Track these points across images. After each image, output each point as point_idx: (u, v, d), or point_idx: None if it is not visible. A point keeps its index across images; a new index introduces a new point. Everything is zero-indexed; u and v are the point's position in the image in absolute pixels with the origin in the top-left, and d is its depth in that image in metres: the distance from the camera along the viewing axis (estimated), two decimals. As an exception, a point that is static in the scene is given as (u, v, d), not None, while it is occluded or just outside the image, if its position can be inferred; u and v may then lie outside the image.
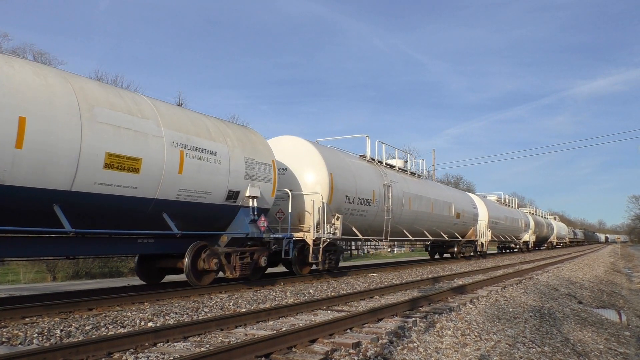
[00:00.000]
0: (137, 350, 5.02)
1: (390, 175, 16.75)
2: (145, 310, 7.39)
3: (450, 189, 25.90)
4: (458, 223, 23.04)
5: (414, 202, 17.93)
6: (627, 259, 44.60)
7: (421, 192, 18.89)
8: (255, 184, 10.66)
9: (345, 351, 5.16)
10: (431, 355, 5.48)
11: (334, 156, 14.00)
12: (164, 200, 8.67)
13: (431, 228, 20.06)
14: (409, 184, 18.03)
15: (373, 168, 15.94)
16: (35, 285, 13.72)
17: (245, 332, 6.05)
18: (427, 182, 21.38)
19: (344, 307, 8.20)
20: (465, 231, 24.47)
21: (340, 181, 13.44)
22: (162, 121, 8.74)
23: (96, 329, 6.02)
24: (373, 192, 15.08)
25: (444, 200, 21.38)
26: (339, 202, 13.43)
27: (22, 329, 5.83)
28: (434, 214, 19.94)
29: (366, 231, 15.18)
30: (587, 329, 8.81)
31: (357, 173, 14.59)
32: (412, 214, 17.90)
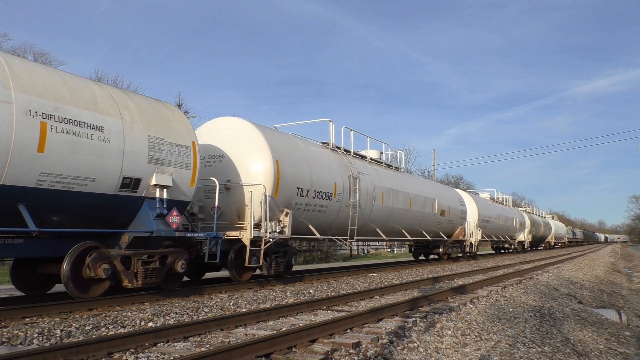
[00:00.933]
0: (138, 350, 5.02)
1: (359, 166, 14.84)
2: (145, 310, 7.39)
3: (434, 184, 23.70)
4: (443, 221, 21.13)
5: (388, 197, 15.92)
6: (627, 259, 44.60)
7: (397, 187, 16.81)
8: (166, 170, 8.63)
9: (345, 351, 5.16)
10: (431, 355, 5.48)
11: (283, 141, 11.96)
12: (17, 188, 6.73)
13: (411, 227, 18.26)
14: (382, 177, 16.03)
15: (337, 157, 13.90)
16: (36, 286, 13.67)
17: (245, 332, 6.05)
18: (406, 176, 19.29)
19: (344, 307, 8.20)
20: (452, 230, 22.65)
21: (290, 170, 11.37)
22: (13, 82, 6.76)
23: (96, 329, 6.02)
24: (335, 184, 13.02)
25: (426, 196, 19.39)
26: (288, 195, 11.32)
27: (22, 329, 5.83)
28: (413, 211, 18.00)
29: (328, 229, 13.36)
30: (587, 329, 8.81)
31: (315, 162, 12.52)
32: (385, 210, 15.88)
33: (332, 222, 13.34)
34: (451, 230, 22.64)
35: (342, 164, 13.88)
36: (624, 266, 33.44)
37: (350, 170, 13.99)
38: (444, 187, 24.66)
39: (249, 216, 10.44)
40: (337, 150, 14.42)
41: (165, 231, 8.54)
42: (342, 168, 13.71)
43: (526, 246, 38.88)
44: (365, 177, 14.75)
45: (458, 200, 23.60)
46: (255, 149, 11.01)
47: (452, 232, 22.86)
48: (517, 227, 35.71)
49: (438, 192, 21.38)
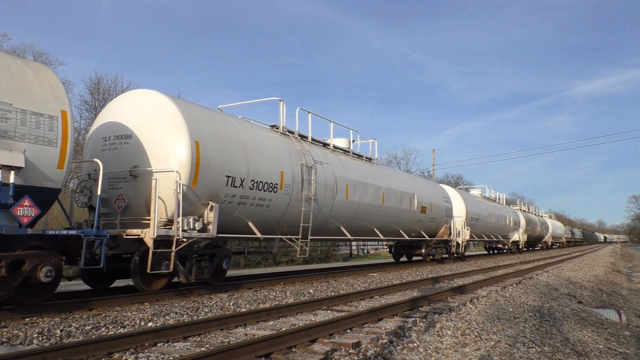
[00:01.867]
0: (137, 350, 5.02)
1: (318, 154, 12.84)
2: (145, 310, 7.39)
3: (414, 178, 21.10)
4: (424, 219, 19.05)
5: (354, 191, 13.96)
6: (627, 259, 44.61)
7: (367, 179, 14.84)
8: (13, 145, 6.70)
9: (345, 351, 5.16)
10: (431, 355, 5.48)
11: (208, 120, 9.78)
12: None
13: (385, 225, 16.25)
14: (347, 168, 14.07)
15: (287, 143, 11.78)
16: (35, 285, 13.68)
17: (245, 332, 6.05)
18: (379, 168, 17.05)
19: (344, 307, 8.20)
20: (435, 229, 20.73)
21: (215, 154, 9.34)
22: None
23: (96, 329, 6.02)
24: (281, 174, 11.00)
25: (403, 190, 17.21)
26: (214, 184, 9.27)
27: (22, 329, 5.83)
28: (387, 208, 15.92)
29: (277, 227, 11.37)
30: (587, 329, 8.81)
31: (254, 147, 10.48)
32: (350, 206, 13.86)
33: (281, 219, 11.30)
34: (435, 229, 20.70)
35: (294, 151, 11.78)
36: (624, 266, 33.44)
37: (304, 158, 11.87)
38: (425, 182, 22.30)
39: (153, 210, 8.33)
40: (288, 135, 12.31)
41: (8, 227, 6.60)
42: (293, 155, 11.61)
43: (521, 246, 36.77)
44: (324, 167, 12.70)
45: (442, 196, 21.50)
46: (168, 127, 8.95)
47: (436, 231, 20.93)
48: (510, 226, 33.65)
49: (418, 186, 19.23)
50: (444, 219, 21.21)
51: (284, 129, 12.32)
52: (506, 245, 34.20)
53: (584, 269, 22.15)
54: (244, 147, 10.21)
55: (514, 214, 35.51)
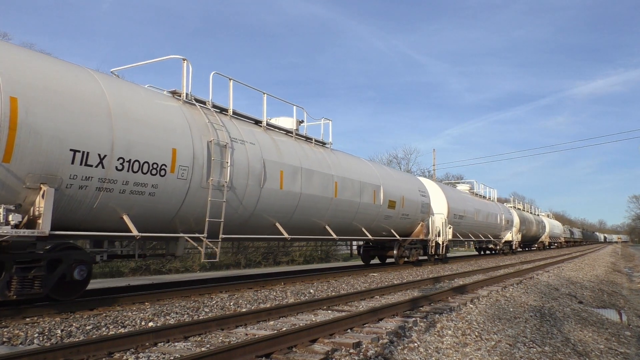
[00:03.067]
0: (138, 350, 5.02)
1: (241, 131, 10.21)
2: (145, 310, 7.40)
3: (381, 168, 17.71)
4: (393, 216, 16.34)
5: (292, 179, 11.22)
6: (628, 259, 44.60)
7: (312, 165, 12.12)
8: None
9: (345, 351, 5.16)
10: (432, 355, 5.48)
11: (41, 69, 6.98)
12: None
13: (340, 222, 13.58)
14: (284, 151, 11.30)
15: (188, 114, 9.08)
16: (36, 285, 13.70)
17: (245, 332, 6.05)
18: (333, 154, 13.93)
19: (344, 307, 8.20)
20: (409, 228, 18.01)
21: (50, 119, 6.70)
22: None
23: (97, 328, 6.03)
24: (174, 151, 8.40)
25: (364, 181, 14.50)
26: (47, 160, 6.66)
27: (23, 329, 5.83)
28: (340, 201, 13.13)
29: (176, 223, 8.82)
30: (588, 329, 8.80)
31: (127, 113, 7.86)
32: (287, 197, 11.10)
33: (179, 212, 8.65)
34: (409, 227, 17.96)
35: (200, 125, 9.16)
36: (625, 266, 33.43)
37: (215, 133, 9.30)
38: (397, 173, 19.03)
39: None
40: (195, 104, 9.59)
41: None
42: (197, 129, 8.98)
43: (514, 247, 33.94)
44: (248, 148, 10.12)
45: (418, 190, 18.72)
46: None
47: (411, 230, 18.24)
48: (502, 224, 30.91)
49: (386, 178, 16.33)
50: (420, 215, 18.43)
51: (188, 97, 9.55)
52: (498, 246, 31.62)
53: (585, 269, 22.15)
54: (108, 112, 7.52)
55: (506, 212, 32.98)
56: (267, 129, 11.59)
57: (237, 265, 21.09)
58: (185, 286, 10.53)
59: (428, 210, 19.24)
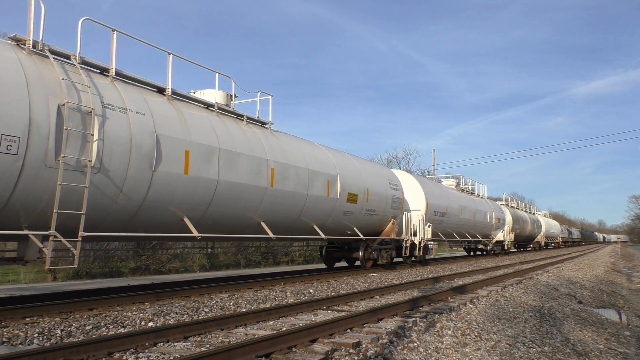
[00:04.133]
0: (138, 350, 5.02)
1: (119, 96, 7.89)
2: (145, 310, 7.40)
3: (339, 154, 14.50)
4: (355, 211, 13.95)
5: (206, 162, 8.98)
6: (627, 259, 44.62)
7: (238, 147, 9.79)
8: None
9: (345, 351, 5.16)
10: (431, 355, 5.49)
11: None
12: None
13: (281, 218, 11.24)
14: (192, 126, 8.94)
15: (27, 65, 6.77)
16: (36, 285, 13.72)
17: (245, 332, 6.05)
18: (272, 136, 11.42)
19: (344, 307, 8.20)
20: (378, 226, 15.61)
21: None
22: None
23: (96, 328, 6.03)
24: None
25: (314, 169, 12.13)
26: None
27: (23, 329, 5.83)
28: (278, 192, 10.78)
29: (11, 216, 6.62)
30: (587, 329, 8.81)
31: None
32: (197, 185, 8.81)
33: (10, 201, 6.46)
34: (376, 225, 15.55)
35: (49, 82, 6.86)
36: (624, 266, 33.45)
37: (74, 95, 7.03)
38: (359, 161, 15.72)
39: None
40: (46, 56, 7.17)
41: None
42: (41, 88, 6.70)
43: (507, 247, 31.62)
44: (132, 118, 7.82)
45: (388, 182, 16.15)
46: None
47: (380, 228, 15.83)
48: (493, 223, 28.49)
49: (344, 166, 13.85)
50: (391, 212, 15.91)
51: (38, 47, 7.16)
52: (488, 246, 29.32)
53: (584, 269, 22.16)
54: None
55: (497, 210, 30.49)
56: (174, 99, 9.19)
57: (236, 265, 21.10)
58: (185, 286, 10.54)
59: (401, 206, 16.72)
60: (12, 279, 15.76)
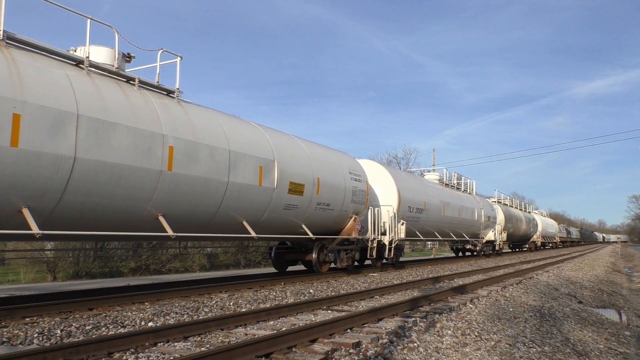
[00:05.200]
0: (138, 350, 5.02)
1: None
2: (145, 310, 7.40)
3: (278, 135, 11.89)
4: (301, 205, 11.61)
5: (50, 132, 6.68)
6: (627, 259, 44.63)
7: (114, 116, 7.58)
8: None
9: (345, 351, 5.16)
10: (431, 355, 5.48)
11: None
12: None
13: (192, 209, 9.00)
14: (30, 84, 6.60)
15: None
16: (36, 285, 13.72)
17: (245, 332, 6.05)
18: (177, 106, 9.07)
19: (344, 307, 8.20)
20: (335, 223, 13.39)
21: None
22: None
23: (96, 328, 6.02)
24: None
25: (239, 150, 9.84)
26: None
27: (23, 329, 5.83)
28: (182, 177, 8.58)
29: None
30: (588, 329, 8.81)
31: None
32: (32, 162, 6.50)
33: None
34: (333, 222, 13.27)
35: None
36: (624, 266, 33.46)
37: None
38: (307, 144, 13.00)
39: None
40: None
41: None
42: None
43: (498, 247, 29.32)
44: None
45: (348, 171, 13.86)
46: None
47: (338, 225, 13.63)
48: (482, 221, 26.20)
49: (285, 149, 11.45)
50: (351, 207, 13.67)
51: None
52: (477, 246, 26.69)
53: (584, 269, 22.16)
54: None
55: (487, 207, 28.03)
56: (9, 45, 6.76)
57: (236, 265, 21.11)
58: (184, 286, 10.53)
59: (365, 200, 14.39)
60: (12, 279, 15.76)
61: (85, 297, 8.22)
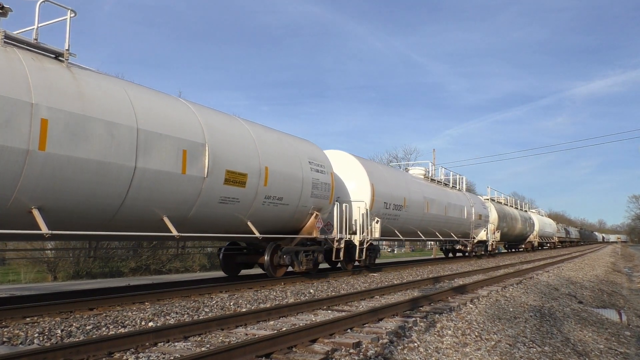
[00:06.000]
0: (138, 350, 5.02)
1: None
2: (146, 310, 7.40)
3: (213, 113, 10.16)
4: (243, 199, 9.89)
5: None
6: (627, 259, 44.63)
7: None
8: None
9: (345, 351, 5.16)
10: (431, 355, 5.48)
11: None
12: None
13: (83, 201, 7.23)
14: None
15: None
16: (36, 285, 13.73)
17: (245, 332, 6.05)
18: (65, 72, 7.25)
19: (344, 307, 8.20)
20: (292, 220, 11.68)
21: None
22: None
23: (97, 328, 6.03)
24: None
25: (149, 129, 8.12)
26: None
27: (23, 329, 5.83)
28: (64, 159, 6.84)
29: None
30: (588, 329, 8.81)
31: None
32: None
33: None
34: (289, 219, 11.57)
35: None
36: (624, 266, 33.46)
37: None
38: (254, 127, 11.09)
39: None
40: None
41: None
42: None
43: (490, 247, 27.58)
44: None
45: (308, 160, 12.00)
46: None
47: (296, 223, 11.91)
48: (472, 220, 24.53)
49: (221, 130, 9.71)
50: (311, 202, 11.89)
51: None
52: (467, 247, 24.89)
53: (585, 269, 22.16)
54: None
55: (479, 205, 26.19)
56: None
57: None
58: (185, 286, 10.54)
59: (329, 195, 12.60)
60: (12, 278, 15.78)
61: (86, 297, 8.22)
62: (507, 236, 33.54)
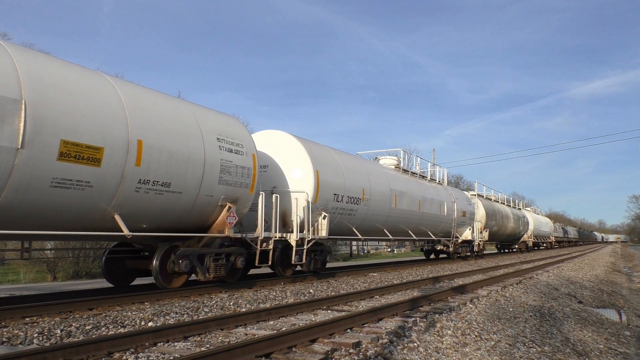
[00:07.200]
0: (138, 350, 5.02)
1: None
2: (145, 310, 7.39)
3: (40, 57, 7.11)
4: (101, 184, 7.36)
5: None
6: (627, 259, 44.62)
7: None
8: None
9: (345, 351, 5.16)
10: (431, 355, 5.48)
11: None
12: None
13: None
14: None
15: None
16: (36, 285, 13.72)
17: (245, 331, 6.05)
18: None
19: (344, 307, 8.20)
20: (201, 215, 9.39)
21: None
22: None
23: (96, 328, 6.02)
24: None
25: None
26: None
27: (23, 329, 5.82)
28: None
29: None
30: (588, 329, 8.81)
31: None
32: None
33: None
34: (191, 213, 9.17)
35: None
36: (624, 266, 33.46)
37: None
38: (122, 84, 8.29)
39: None
40: None
41: None
42: None
43: (477, 248, 24.94)
44: None
45: (216, 136, 9.52)
46: None
47: (205, 219, 9.61)
48: (454, 217, 21.73)
49: (60, 83, 6.97)
50: (220, 190, 9.50)
51: None
52: (450, 247, 22.46)
53: (584, 268, 22.16)
54: None
55: (463, 201, 23.35)
56: None
57: None
58: (185, 286, 10.53)
59: (249, 182, 10.16)
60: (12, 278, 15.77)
61: (85, 297, 8.21)
62: (498, 236, 30.86)
